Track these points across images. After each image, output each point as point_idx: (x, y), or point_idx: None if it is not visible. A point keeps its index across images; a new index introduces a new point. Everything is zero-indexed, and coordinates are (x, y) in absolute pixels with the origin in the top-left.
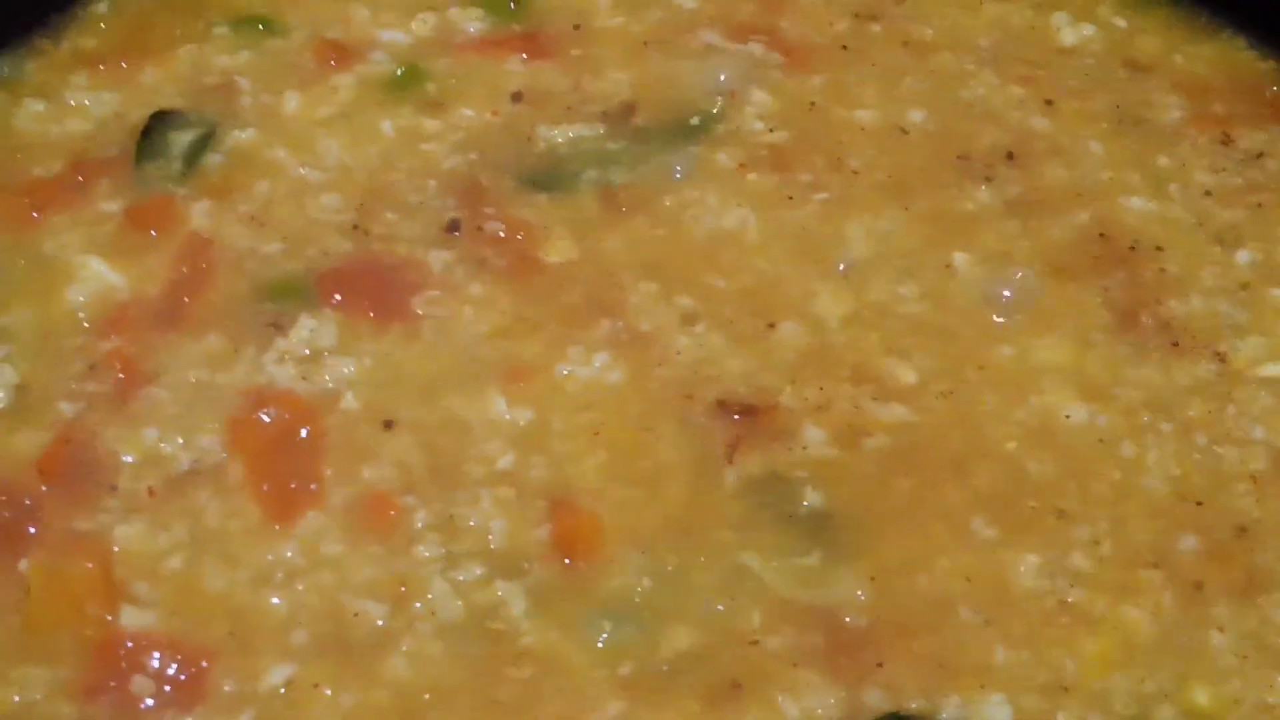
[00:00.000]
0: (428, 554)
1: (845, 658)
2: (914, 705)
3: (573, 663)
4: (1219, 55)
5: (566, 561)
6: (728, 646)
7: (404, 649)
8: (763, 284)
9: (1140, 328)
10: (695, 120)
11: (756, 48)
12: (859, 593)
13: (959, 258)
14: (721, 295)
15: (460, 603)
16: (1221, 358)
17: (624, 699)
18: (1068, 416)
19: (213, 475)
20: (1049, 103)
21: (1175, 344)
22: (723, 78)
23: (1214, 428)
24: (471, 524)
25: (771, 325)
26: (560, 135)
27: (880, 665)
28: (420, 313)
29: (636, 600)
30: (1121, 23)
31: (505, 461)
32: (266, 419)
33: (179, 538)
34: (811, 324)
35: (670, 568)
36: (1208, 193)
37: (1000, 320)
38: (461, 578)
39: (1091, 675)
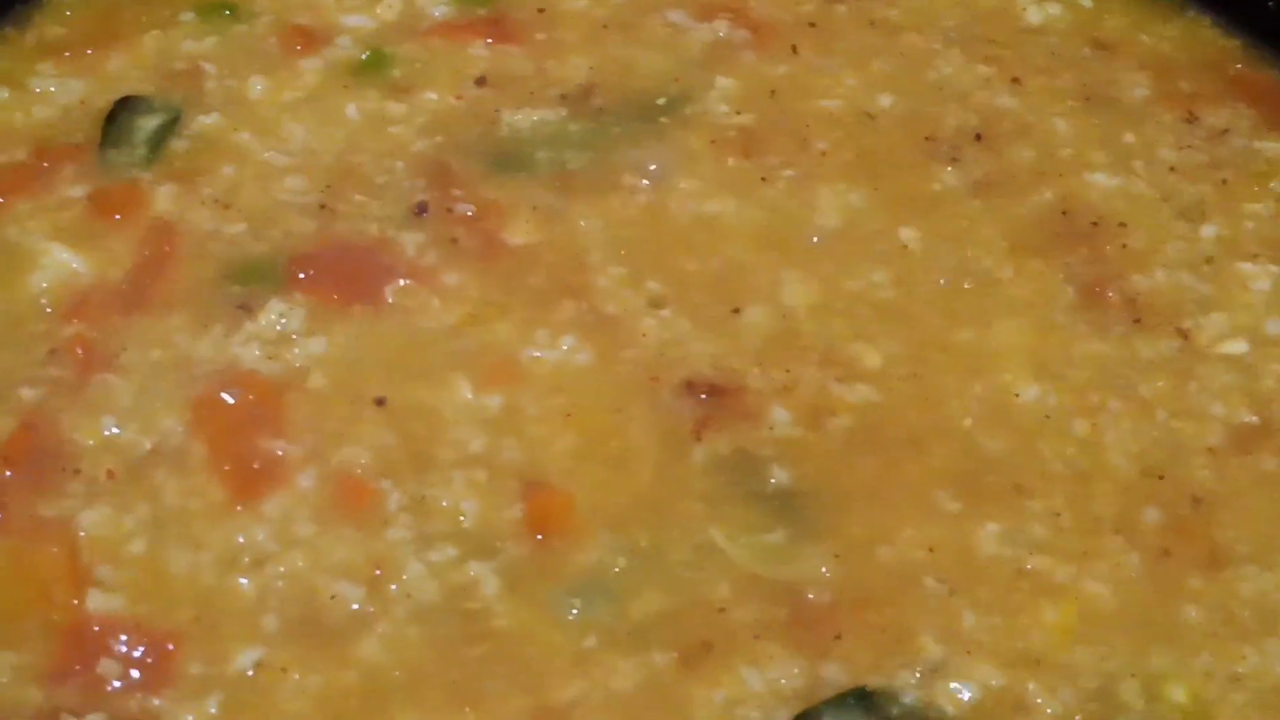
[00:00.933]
0: (400, 536)
1: (808, 631)
2: (874, 678)
3: (545, 637)
4: (1184, 34)
5: (539, 538)
6: (697, 615)
7: (379, 631)
8: (728, 267)
9: (1103, 304)
10: (661, 102)
11: (722, 26)
12: (823, 569)
13: (922, 239)
14: (687, 278)
15: (435, 583)
16: (1184, 334)
17: (596, 669)
18: (1017, 395)
19: (177, 458)
20: (1015, 81)
21: (1138, 320)
22: (687, 60)
23: (1174, 403)
24: (444, 505)
25: (737, 310)
26: (524, 119)
27: (839, 638)
28: (390, 295)
29: (608, 575)
30: (1087, 2)
31: (477, 443)
32: (233, 400)
33: (144, 521)
34: (778, 308)
35: (642, 543)
36: (1172, 169)
37: (964, 297)
38: (435, 558)
39: (1057, 646)
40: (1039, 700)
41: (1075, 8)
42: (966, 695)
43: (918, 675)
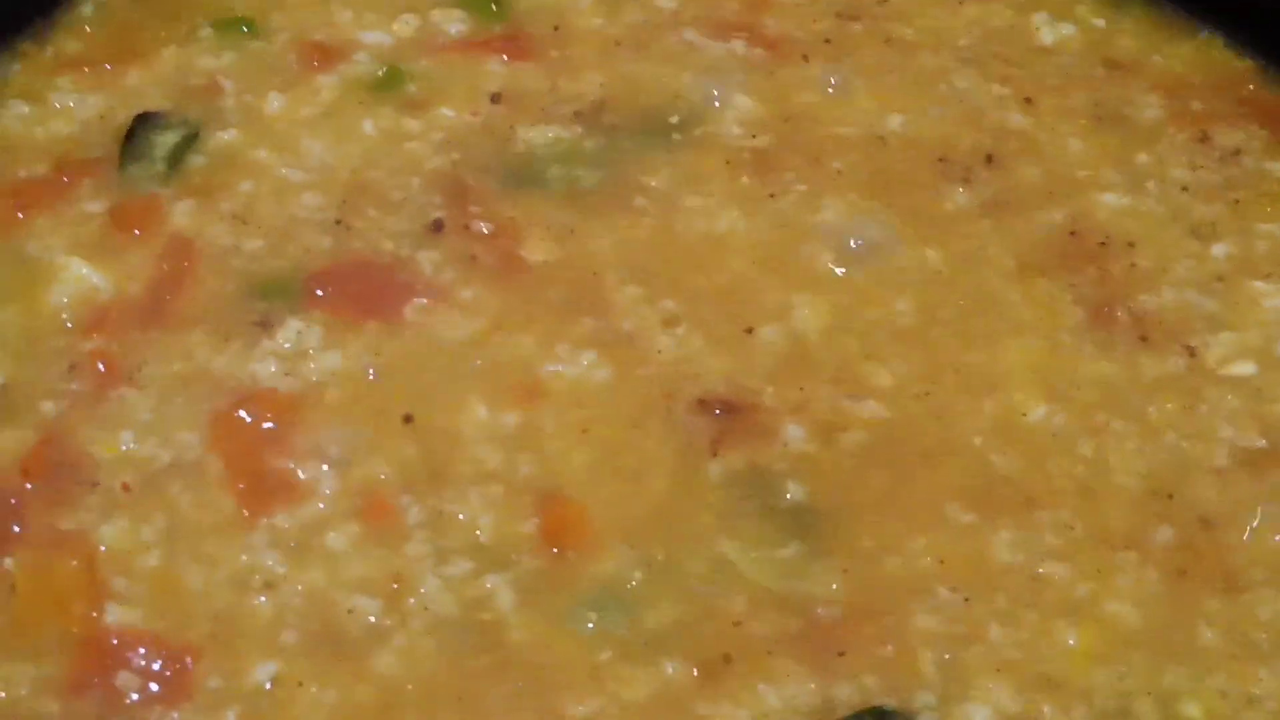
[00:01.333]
0: (418, 550)
1: (823, 648)
2: (889, 697)
3: (561, 649)
4: (1197, 55)
5: (555, 551)
6: (713, 628)
7: (396, 645)
8: (741, 285)
9: (1111, 323)
10: (674, 119)
11: (738, 45)
12: (836, 585)
13: (934, 260)
14: (701, 296)
15: (452, 597)
16: (1192, 352)
17: (612, 681)
18: (1025, 415)
19: (194, 472)
20: (1028, 100)
21: (1145, 338)
22: (702, 78)
23: (1182, 425)
24: (461, 519)
25: (750, 330)
26: (539, 135)
27: (853, 655)
28: (407, 312)
29: (624, 588)
30: (1100, 22)
31: (494, 459)
32: (250, 417)
33: (162, 535)
34: (790, 327)
35: (658, 557)
36: (1185, 188)
37: (974, 317)
38: (452, 572)
39: (1077, 669)
40: None
41: (1088, 28)
42: (982, 716)
43: (934, 695)
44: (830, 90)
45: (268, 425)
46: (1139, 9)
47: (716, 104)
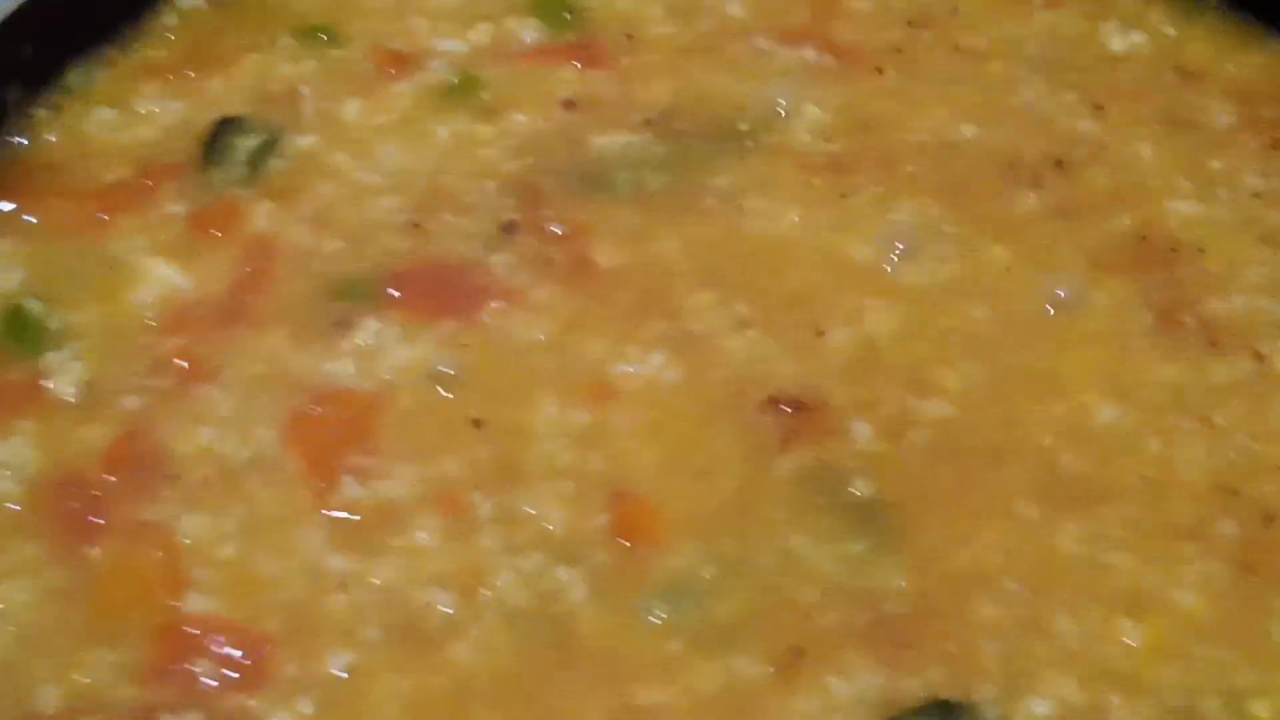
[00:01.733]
0: (491, 544)
1: (890, 641)
2: (953, 690)
3: (632, 640)
4: (1268, 63)
5: (626, 545)
6: (782, 621)
7: (471, 636)
8: (810, 289)
9: (1179, 328)
10: (744, 126)
11: (809, 53)
12: (903, 581)
13: (1004, 264)
14: (772, 299)
15: (525, 590)
16: (1260, 358)
17: (683, 673)
18: (1092, 416)
19: (272, 468)
20: (1099, 107)
21: (1214, 343)
22: (772, 84)
23: (1249, 427)
24: (533, 514)
25: (821, 333)
26: (611, 142)
27: (920, 649)
28: (482, 312)
29: (695, 581)
30: (1171, 31)
31: (566, 456)
32: (327, 415)
33: (240, 528)
34: (860, 330)
35: (727, 551)
36: (1256, 195)
37: (1044, 321)
38: (525, 565)
39: (1138, 662)
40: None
41: (1159, 35)
42: (1045, 711)
43: (997, 688)
44: (901, 98)
45: (344, 423)
46: (1210, 18)
47: (786, 111)
